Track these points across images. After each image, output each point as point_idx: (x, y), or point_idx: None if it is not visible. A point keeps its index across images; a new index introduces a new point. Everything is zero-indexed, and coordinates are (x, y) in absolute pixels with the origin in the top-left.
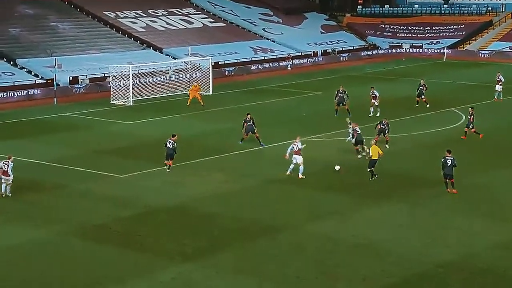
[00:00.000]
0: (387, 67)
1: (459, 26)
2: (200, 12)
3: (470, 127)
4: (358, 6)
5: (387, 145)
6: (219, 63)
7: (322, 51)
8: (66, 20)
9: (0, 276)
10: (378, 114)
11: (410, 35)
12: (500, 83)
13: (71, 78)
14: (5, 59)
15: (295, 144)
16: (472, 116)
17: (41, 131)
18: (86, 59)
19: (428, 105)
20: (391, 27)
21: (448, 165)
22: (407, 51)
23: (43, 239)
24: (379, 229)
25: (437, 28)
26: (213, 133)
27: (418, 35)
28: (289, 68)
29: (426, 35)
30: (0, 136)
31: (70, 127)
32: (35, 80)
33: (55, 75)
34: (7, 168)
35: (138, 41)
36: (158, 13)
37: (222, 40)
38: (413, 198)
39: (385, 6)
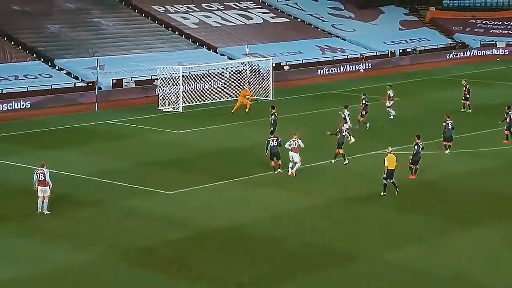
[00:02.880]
0: (478, 70)
1: None
2: (260, 6)
3: None
4: None
5: (448, 150)
6: (281, 64)
7: (401, 51)
8: (110, 15)
9: None
10: (391, 117)
11: (506, 31)
12: None
13: (114, 81)
14: (42, 59)
15: (293, 140)
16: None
17: (81, 140)
18: (132, 60)
19: (469, 110)
20: (483, 22)
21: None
22: (503, 50)
23: (83, 263)
24: (470, 259)
25: None
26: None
27: None
28: (361, 71)
29: None
30: (36, 146)
31: (112, 136)
32: (74, 83)
33: (97, 77)
34: (43, 176)
35: (190, 39)
36: (212, 7)
37: (285, 38)
38: (509, 223)
39: None
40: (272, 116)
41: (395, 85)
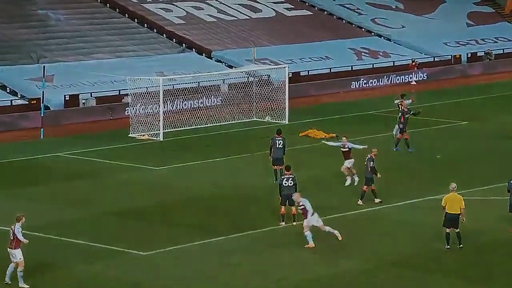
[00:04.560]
0: None
1: None
2: None
3: None
4: None
5: None
6: (301, 74)
7: (470, 55)
8: (61, 6)
9: None
10: (356, 183)
11: None
12: None
13: (67, 98)
14: None
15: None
16: None
17: (20, 180)
18: (92, 68)
19: None
20: None
21: None
22: None
23: None
24: None
25: None
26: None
27: None
28: (413, 83)
29: None
30: None
31: (65, 174)
32: (11, 101)
33: (44, 92)
34: (12, 235)
35: (174, 40)
36: None
37: (305, 38)
38: None
39: None
40: (271, 141)
41: (460, 103)
